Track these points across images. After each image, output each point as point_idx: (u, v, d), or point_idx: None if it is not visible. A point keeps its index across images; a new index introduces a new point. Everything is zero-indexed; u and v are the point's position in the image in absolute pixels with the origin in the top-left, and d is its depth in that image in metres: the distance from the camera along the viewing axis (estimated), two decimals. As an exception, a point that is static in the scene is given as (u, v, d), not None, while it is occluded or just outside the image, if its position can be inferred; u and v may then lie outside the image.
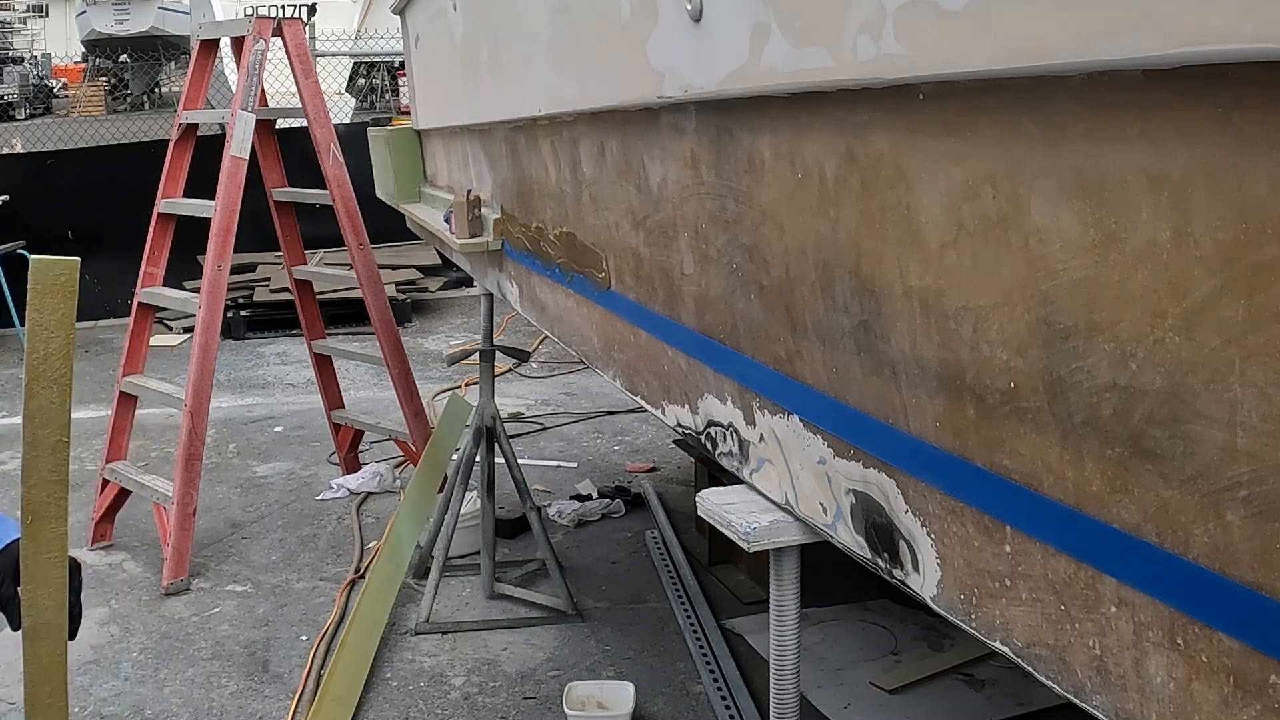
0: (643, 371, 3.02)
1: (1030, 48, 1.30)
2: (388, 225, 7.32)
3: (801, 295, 2.03)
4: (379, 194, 5.79)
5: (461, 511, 4.55)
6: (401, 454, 6.00)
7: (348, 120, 14.16)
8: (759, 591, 4.39)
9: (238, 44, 5.29)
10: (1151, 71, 1.19)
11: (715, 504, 2.44)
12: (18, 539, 1.93)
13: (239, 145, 5.04)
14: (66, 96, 31.73)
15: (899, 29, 1.51)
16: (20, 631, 1.93)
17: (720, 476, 3.83)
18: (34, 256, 1.80)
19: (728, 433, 2.55)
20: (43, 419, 1.81)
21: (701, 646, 4.06)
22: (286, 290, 6.92)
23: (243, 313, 9.20)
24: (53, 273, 1.80)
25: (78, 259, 1.82)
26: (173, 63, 29.64)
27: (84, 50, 32.84)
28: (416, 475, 5.00)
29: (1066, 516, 1.50)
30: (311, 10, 8.14)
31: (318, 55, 11.01)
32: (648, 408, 3.06)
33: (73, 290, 1.80)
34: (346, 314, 8.63)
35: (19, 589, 1.95)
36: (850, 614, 4.28)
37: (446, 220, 4.35)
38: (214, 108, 6.42)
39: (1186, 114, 1.19)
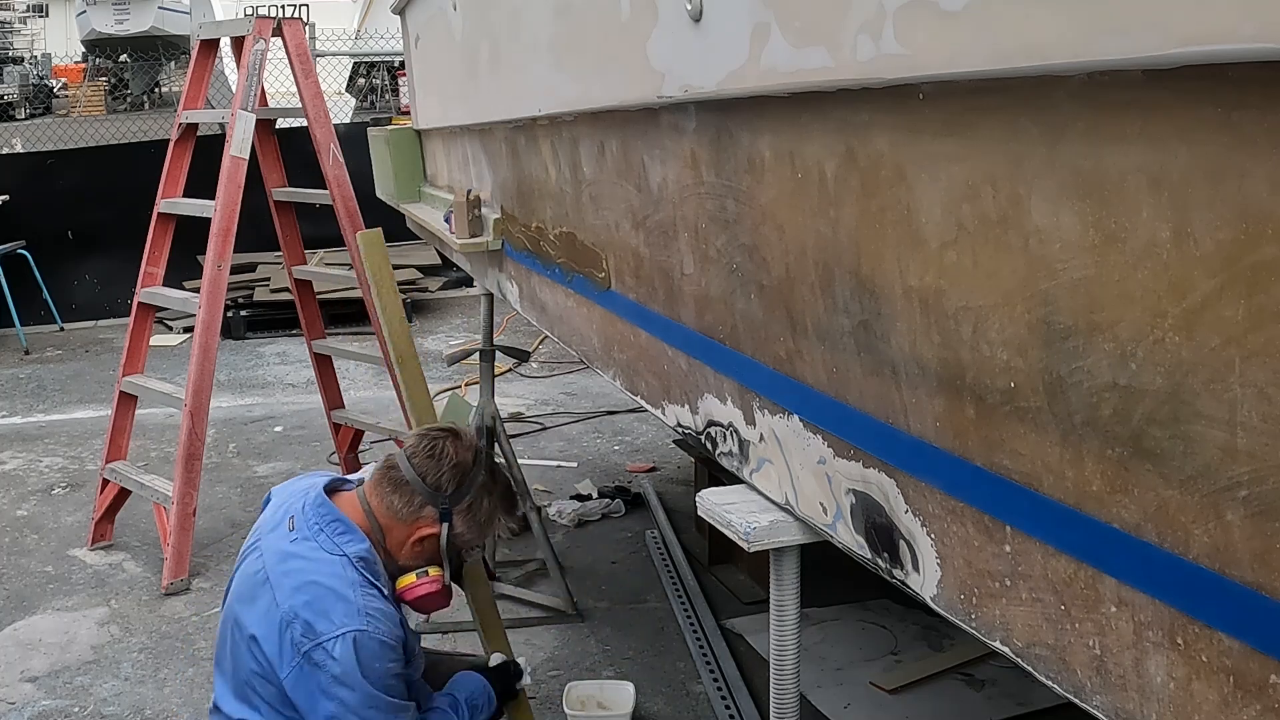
0: (643, 371, 3.02)
1: (1030, 47, 1.30)
2: (388, 225, 7.29)
3: (801, 295, 2.03)
4: (379, 194, 5.79)
5: (461, 511, 4.55)
6: (401, 454, 5.99)
7: (348, 120, 14.15)
8: (759, 591, 4.39)
9: (238, 44, 5.29)
10: (1151, 71, 1.19)
11: (715, 504, 2.44)
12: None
13: (239, 145, 5.04)
14: (66, 96, 31.70)
15: (899, 29, 1.51)
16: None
17: (720, 476, 3.83)
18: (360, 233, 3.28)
19: (728, 433, 2.55)
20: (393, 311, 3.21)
21: (701, 646, 4.06)
22: (286, 290, 6.92)
23: (243, 313, 9.20)
24: (368, 239, 3.29)
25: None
26: (173, 63, 29.61)
27: (84, 50, 32.81)
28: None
29: (1066, 516, 1.50)
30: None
31: (318, 55, 11.01)
32: (648, 408, 3.06)
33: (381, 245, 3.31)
34: (346, 314, 8.63)
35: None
36: (850, 614, 4.28)
37: (446, 220, 4.35)
38: (214, 108, 6.42)
39: (1186, 114, 1.19)
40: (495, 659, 3.02)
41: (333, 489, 2.61)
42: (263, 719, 2.46)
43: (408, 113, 6.71)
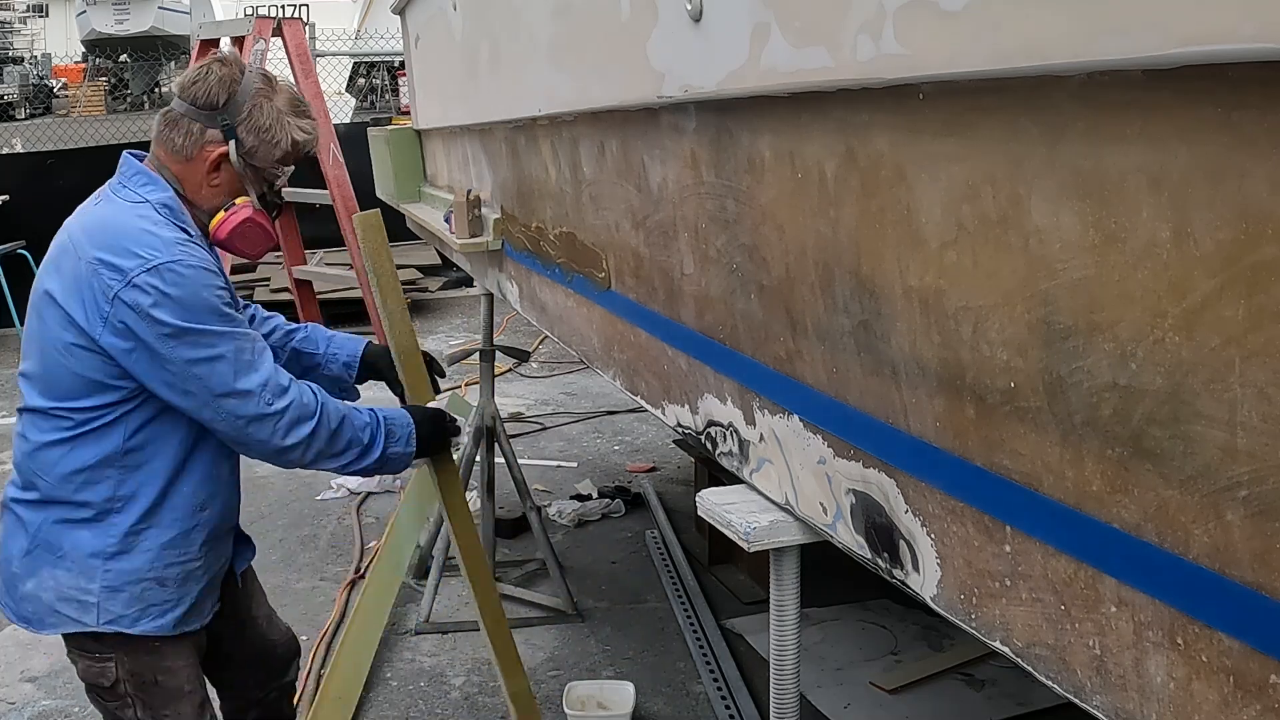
0: (643, 371, 3.02)
1: (1030, 48, 1.30)
2: (388, 225, 7.33)
3: (801, 295, 2.03)
4: (379, 194, 5.79)
5: (461, 511, 4.55)
6: (401, 454, 5.99)
7: (348, 120, 14.17)
8: (759, 591, 4.39)
9: (238, 44, 5.29)
10: (1151, 71, 1.19)
11: (715, 504, 2.44)
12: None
13: (239, 145, 5.04)
14: (66, 96, 31.72)
15: (899, 29, 1.51)
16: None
17: (720, 476, 3.83)
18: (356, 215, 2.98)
19: (728, 433, 2.55)
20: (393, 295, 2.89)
21: (701, 646, 4.06)
22: (286, 290, 6.92)
23: (243, 313, 9.19)
24: (365, 221, 2.93)
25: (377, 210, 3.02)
26: (173, 63, 29.63)
27: (84, 50, 32.85)
28: (416, 475, 4.99)
29: (1066, 516, 1.50)
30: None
31: (318, 55, 11.01)
32: (648, 408, 3.06)
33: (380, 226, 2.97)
34: (346, 314, 8.63)
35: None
36: (850, 614, 4.28)
37: (446, 220, 4.35)
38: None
39: (1186, 114, 1.19)
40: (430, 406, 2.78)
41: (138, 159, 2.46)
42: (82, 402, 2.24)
43: (408, 113, 6.71)
